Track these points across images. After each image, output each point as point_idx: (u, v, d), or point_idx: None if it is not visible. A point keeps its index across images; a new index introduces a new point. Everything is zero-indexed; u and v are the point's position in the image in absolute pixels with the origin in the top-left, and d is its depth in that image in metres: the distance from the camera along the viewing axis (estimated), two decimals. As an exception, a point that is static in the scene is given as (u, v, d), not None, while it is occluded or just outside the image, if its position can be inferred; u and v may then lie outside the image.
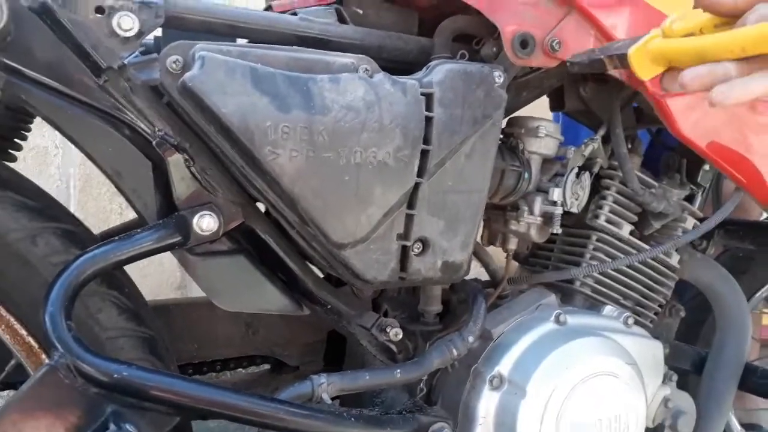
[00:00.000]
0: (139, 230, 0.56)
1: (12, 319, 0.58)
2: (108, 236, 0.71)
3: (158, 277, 1.35)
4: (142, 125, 0.56)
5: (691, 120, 0.77)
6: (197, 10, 0.60)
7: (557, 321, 0.75)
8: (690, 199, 0.92)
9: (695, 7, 0.53)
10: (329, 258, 0.63)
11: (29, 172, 0.65)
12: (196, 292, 0.70)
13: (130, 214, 0.61)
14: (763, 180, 0.85)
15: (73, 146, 0.58)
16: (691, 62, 0.50)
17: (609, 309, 0.82)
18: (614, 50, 0.59)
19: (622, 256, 0.83)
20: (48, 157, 1.30)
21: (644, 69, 0.54)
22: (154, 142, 0.56)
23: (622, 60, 0.56)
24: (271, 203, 0.60)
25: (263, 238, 0.64)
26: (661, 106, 0.75)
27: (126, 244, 0.55)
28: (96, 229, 0.69)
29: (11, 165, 0.64)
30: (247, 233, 0.64)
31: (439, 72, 0.65)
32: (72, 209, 1.27)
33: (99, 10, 0.53)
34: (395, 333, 0.70)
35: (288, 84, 0.56)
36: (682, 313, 0.97)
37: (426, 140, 0.64)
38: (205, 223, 0.58)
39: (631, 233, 0.86)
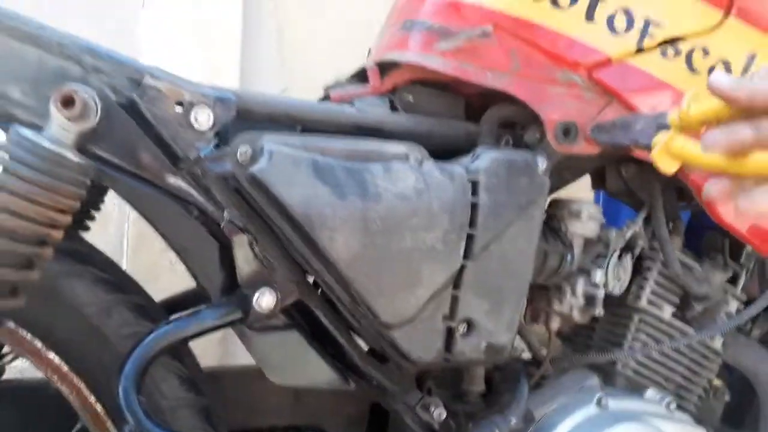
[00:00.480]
0: (204, 307, 0.60)
1: (82, 386, 0.62)
2: (170, 305, 0.75)
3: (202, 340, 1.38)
4: (211, 208, 0.61)
5: (731, 205, 0.78)
6: (264, 103, 0.65)
7: (599, 404, 0.76)
8: (734, 279, 0.92)
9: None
10: (377, 336, 0.65)
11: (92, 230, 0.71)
12: (236, 347, 0.71)
13: (179, 268, 0.65)
14: (807, 264, 0.85)
15: (125, 204, 0.62)
16: (714, 169, 0.51)
17: (651, 392, 0.82)
18: (638, 136, 0.61)
19: (664, 338, 0.84)
20: (107, 217, 1.37)
21: (668, 165, 0.55)
22: (222, 225, 0.60)
23: (646, 149, 0.58)
24: (326, 282, 0.63)
25: (315, 313, 0.67)
26: (701, 191, 0.77)
27: (193, 321, 0.59)
28: (146, 283, 0.73)
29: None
30: (300, 308, 0.67)
31: (485, 159, 0.69)
32: (124, 264, 1.33)
33: (179, 104, 0.59)
34: (439, 413, 0.71)
35: (345, 174, 0.60)
36: (727, 397, 0.95)
37: (472, 224, 0.67)
38: (265, 301, 0.61)
39: (673, 315, 0.86)
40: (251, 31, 1.55)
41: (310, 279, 0.67)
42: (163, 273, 1.35)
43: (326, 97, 0.79)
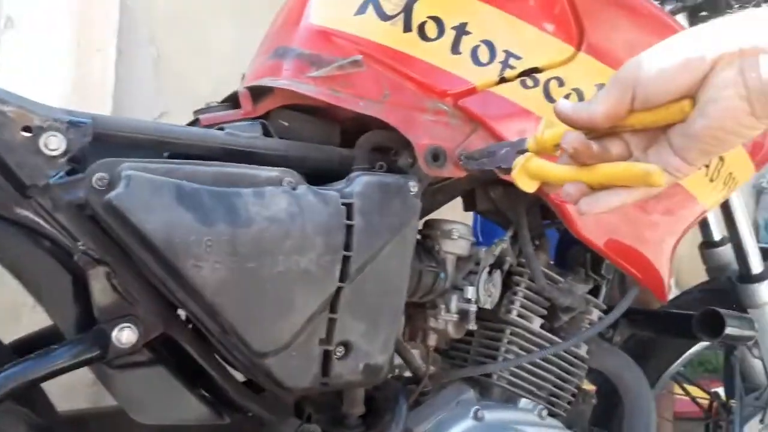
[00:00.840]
0: (56, 346, 0.56)
1: None
2: (20, 346, 0.69)
3: (71, 375, 1.28)
4: (64, 239, 0.57)
5: (589, 221, 0.84)
6: (124, 126, 0.62)
7: (475, 417, 0.78)
8: (596, 290, 1.00)
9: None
10: (250, 366, 0.64)
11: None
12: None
13: (41, 309, 0.60)
14: (659, 274, 0.94)
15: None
16: (564, 181, 0.56)
17: (525, 402, 0.86)
18: (500, 161, 0.65)
19: (535, 349, 0.88)
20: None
21: (527, 185, 0.59)
22: (75, 256, 0.56)
23: (507, 172, 0.62)
24: (193, 313, 0.61)
25: (183, 347, 0.64)
26: (560, 209, 0.82)
27: (43, 362, 0.54)
28: (6, 324, 0.67)
29: None
30: (167, 342, 0.64)
31: (359, 183, 0.70)
32: (-21, 303, 1.21)
33: (26, 129, 0.55)
34: (318, 439, 0.70)
35: (213, 199, 0.59)
36: (594, 401, 1.02)
37: (347, 246, 0.67)
38: (125, 335, 0.58)
39: (542, 326, 0.91)
40: (127, 58, 1.50)
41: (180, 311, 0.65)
42: (24, 313, 1.25)
43: (195, 122, 0.77)
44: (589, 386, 1.38)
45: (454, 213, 0.93)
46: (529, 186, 0.59)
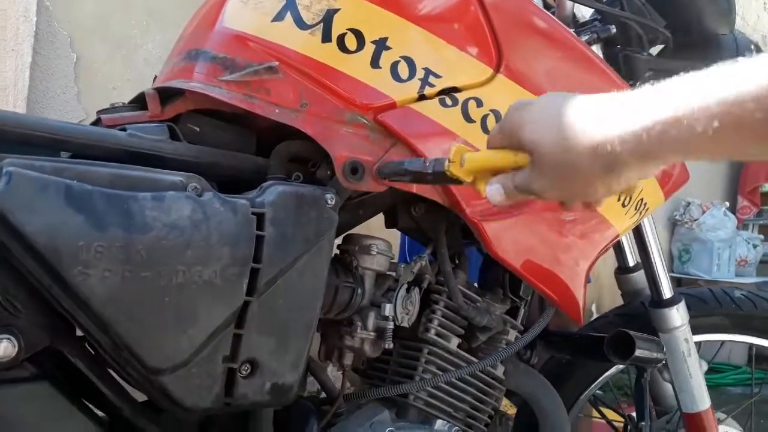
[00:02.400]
0: None
1: None
2: None
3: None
4: (-66, 241, 0.51)
5: (506, 241, 0.85)
6: (14, 121, 0.58)
7: (388, 438, 0.76)
8: (514, 311, 1.00)
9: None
10: (145, 384, 0.59)
11: None
12: None
13: None
14: (573, 296, 0.95)
15: None
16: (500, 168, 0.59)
17: (440, 423, 0.85)
18: (434, 166, 0.65)
19: (452, 368, 0.87)
20: None
21: (462, 173, 0.60)
22: (-53, 261, 0.51)
23: (438, 162, 0.62)
24: (82, 325, 0.56)
25: (73, 362, 0.59)
26: (478, 229, 0.82)
27: None
28: None
29: None
30: (54, 355, 0.59)
31: (272, 193, 0.68)
32: None
33: None
34: (219, 462, 0.66)
35: (106, 202, 0.55)
36: (511, 422, 1.02)
37: (256, 258, 0.64)
38: (2, 348, 0.53)
39: (460, 346, 0.91)
40: (45, 60, 1.43)
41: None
42: None
43: (98, 122, 0.72)
44: (511, 409, 1.38)
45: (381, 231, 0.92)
46: (463, 174, 0.60)
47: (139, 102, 0.76)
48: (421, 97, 0.78)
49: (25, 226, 0.50)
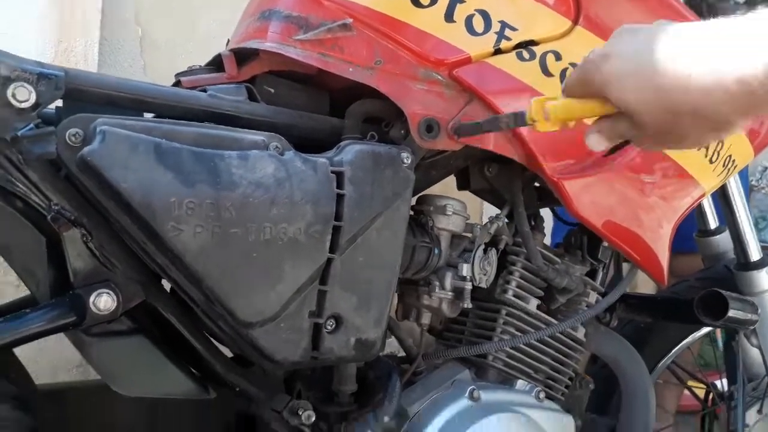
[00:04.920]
0: (29, 310, 0.52)
1: None
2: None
3: (55, 354, 1.24)
4: (37, 199, 0.53)
5: (586, 200, 0.82)
6: (101, 83, 0.59)
7: (471, 397, 0.75)
8: (593, 273, 0.97)
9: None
10: (236, 338, 0.60)
11: None
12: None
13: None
14: (656, 257, 0.91)
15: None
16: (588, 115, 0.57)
17: (521, 383, 0.83)
18: (514, 121, 0.63)
19: (531, 330, 0.85)
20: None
21: (546, 126, 0.58)
22: (49, 217, 0.53)
23: (518, 118, 0.60)
24: (175, 281, 0.57)
25: (166, 317, 0.61)
26: (558, 188, 0.80)
27: (13, 325, 0.51)
28: None
29: None
30: (149, 312, 0.61)
31: (349, 152, 0.67)
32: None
33: (-7, 79, 0.51)
34: (307, 416, 0.67)
35: (194, 160, 0.56)
36: (592, 386, 0.99)
37: (337, 216, 0.64)
38: (103, 302, 0.55)
39: (539, 307, 0.89)
40: (112, 37, 1.47)
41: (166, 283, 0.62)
42: (9, 291, 1.21)
43: (177, 84, 0.73)
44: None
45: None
46: (549, 126, 0.58)
47: (215, 64, 0.76)
48: (497, 51, 0.75)
49: (121, 183, 0.51)
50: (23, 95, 0.51)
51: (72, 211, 0.54)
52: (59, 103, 0.58)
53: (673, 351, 1.22)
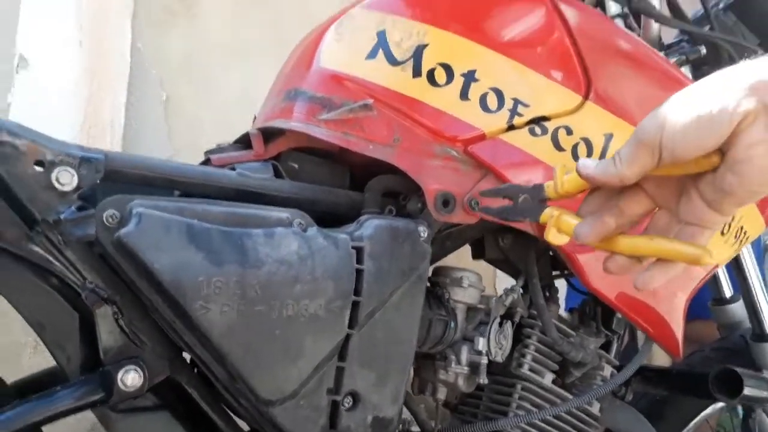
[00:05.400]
0: (59, 388, 0.54)
1: None
2: (23, 386, 0.67)
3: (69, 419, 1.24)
4: (72, 277, 0.55)
5: (599, 272, 0.83)
6: (137, 164, 0.62)
7: (487, 474, 0.75)
8: (607, 345, 0.97)
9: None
10: (257, 415, 0.61)
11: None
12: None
13: (45, 349, 0.58)
14: (671, 329, 0.91)
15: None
16: (600, 248, 0.55)
17: (536, 460, 0.83)
18: (526, 213, 0.64)
19: (546, 405, 0.85)
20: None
21: (558, 238, 0.58)
22: (83, 295, 0.55)
23: (534, 222, 0.61)
24: (200, 357, 0.59)
25: (189, 392, 0.62)
26: (572, 260, 0.81)
27: (45, 404, 0.52)
28: (7, 364, 0.65)
29: None
30: (172, 386, 0.62)
31: (369, 227, 0.69)
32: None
33: (39, 163, 0.54)
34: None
35: (223, 239, 0.58)
36: (607, 461, 0.98)
37: (357, 292, 0.66)
38: (130, 378, 0.56)
39: (554, 382, 0.89)
40: (137, 100, 1.53)
41: (185, 355, 0.63)
42: (24, 353, 1.22)
43: (207, 162, 0.77)
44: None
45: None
46: (560, 240, 0.58)
47: (243, 142, 0.80)
48: (510, 128, 0.78)
49: (154, 264, 0.53)
50: (66, 179, 0.54)
51: (105, 289, 0.56)
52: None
53: (689, 425, 1.20)
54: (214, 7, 1.63)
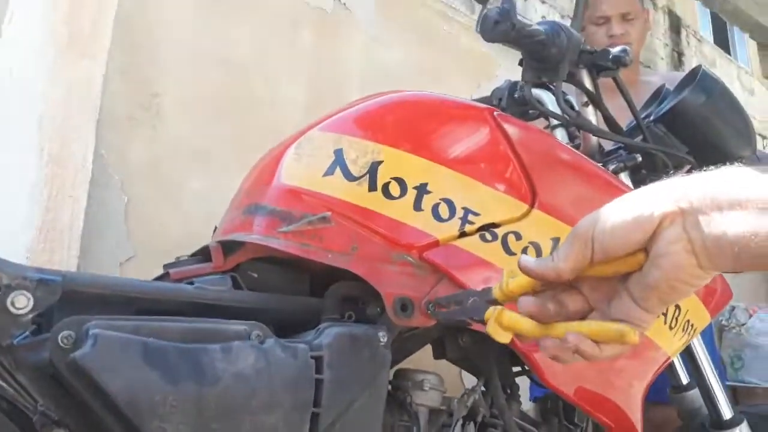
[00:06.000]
0: None
1: None
2: None
3: None
4: (23, 401, 0.55)
5: (557, 369, 0.85)
6: (94, 283, 0.63)
7: None
8: (571, 440, 0.97)
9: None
10: None
11: None
12: None
13: None
14: (629, 420, 0.92)
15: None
16: (540, 336, 0.58)
17: None
18: (472, 312, 0.66)
19: (512, 508, 0.84)
20: None
21: (501, 336, 0.60)
22: (34, 419, 0.54)
23: (480, 322, 0.64)
24: (154, 479, 0.57)
25: None
26: (529, 358, 0.83)
27: None
28: None
29: None
30: None
31: (328, 335, 0.70)
32: None
33: (-6, 288, 0.55)
34: None
35: (179, 356, 0.58)
36: None
37: (316, 403, 0.66)
38: (77, 507, 0.54)
39: (519, 481, 0.88)
40: (97, 203, 1.53)
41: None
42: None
43: (165, 275, 0.77)
44: None
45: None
46: (502, 337, 0.60)
47: (202, 254, 0.81)
48: (462, 234, 0.82)
49: (108, 385, 0.53)
50: (21, 303, 0.54)
51: (56, 411, 0.55)
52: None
53: None
54: (177, 113, 1.69)
